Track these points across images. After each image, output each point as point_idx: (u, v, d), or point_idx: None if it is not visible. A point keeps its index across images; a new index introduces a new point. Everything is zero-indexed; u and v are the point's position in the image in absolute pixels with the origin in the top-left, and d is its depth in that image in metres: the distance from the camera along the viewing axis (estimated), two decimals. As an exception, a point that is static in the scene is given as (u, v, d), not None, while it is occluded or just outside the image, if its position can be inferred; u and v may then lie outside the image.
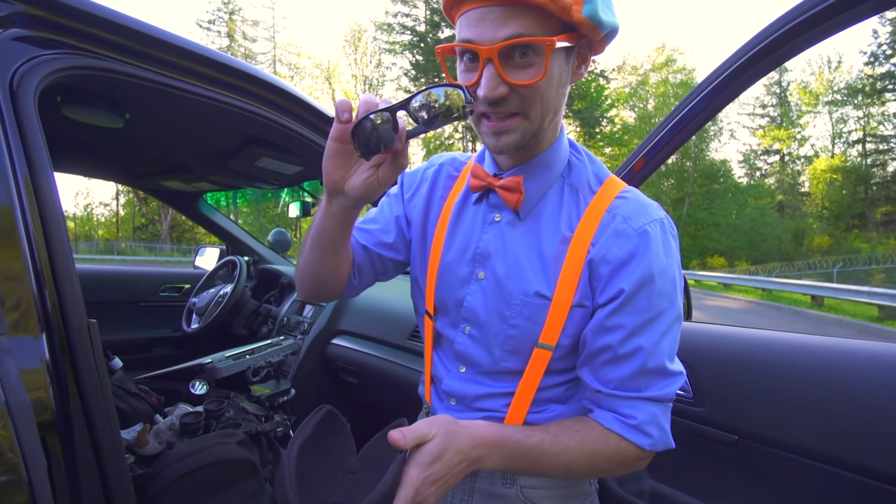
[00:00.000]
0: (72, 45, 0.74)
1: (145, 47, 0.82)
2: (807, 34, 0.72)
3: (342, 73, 39.94)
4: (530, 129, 0.56)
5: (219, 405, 1.04)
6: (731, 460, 0.82)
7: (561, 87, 0.56)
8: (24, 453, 0.50)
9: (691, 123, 0.90)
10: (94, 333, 0.65)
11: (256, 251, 2.50)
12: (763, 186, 35.75)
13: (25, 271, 0.58)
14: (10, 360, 0.53)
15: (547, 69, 0.51)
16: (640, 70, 36.11)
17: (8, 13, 0.68)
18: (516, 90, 0.53)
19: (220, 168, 1.64)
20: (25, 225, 0.61)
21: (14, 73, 0.67)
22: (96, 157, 1.65)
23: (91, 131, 1.26)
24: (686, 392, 0.88)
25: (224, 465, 0.87)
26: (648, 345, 0.56)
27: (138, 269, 2.49)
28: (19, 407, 0.51)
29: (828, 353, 0.73)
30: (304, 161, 1.47)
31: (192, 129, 1.31)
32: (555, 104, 0.57)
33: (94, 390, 0.64)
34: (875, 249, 22.90)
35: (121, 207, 35.64)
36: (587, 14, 0.51)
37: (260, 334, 2.06)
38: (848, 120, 34.37)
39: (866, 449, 0.66)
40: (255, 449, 0.98)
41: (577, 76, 0.59)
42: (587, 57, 0.59)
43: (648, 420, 0.56)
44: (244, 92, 0.97)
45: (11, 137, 0.63)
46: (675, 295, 0.57)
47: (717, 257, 28.62)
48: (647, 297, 0.56)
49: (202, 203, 2.37)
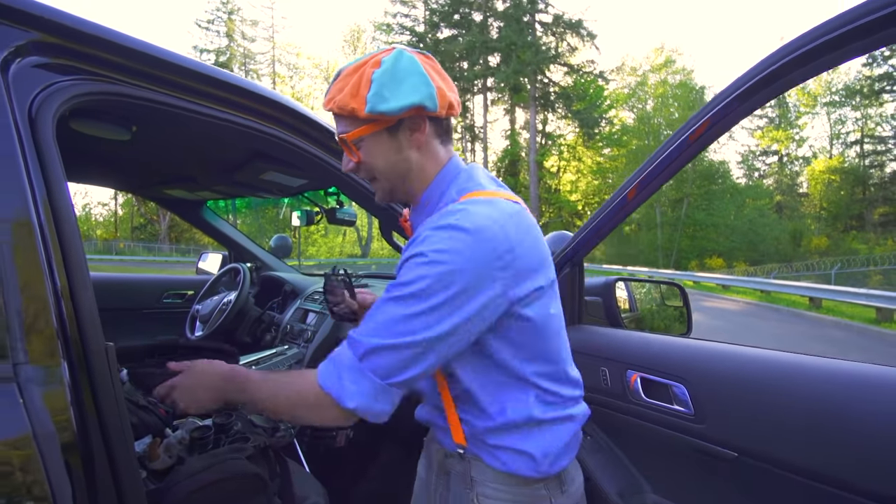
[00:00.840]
0: (88, 71, 0.76)
1: (158, 71, 0.84)
2: (791, 74, 0.74)
3: (341, 73, 39.85)
4: (387, 187, 0.76)
5: (227, 419, 1.06)
6: (730, 476, 0.84)
7: (395, 155, 0.72)
8: (50, 481, 0.52)
9: (679, 159, 0.92)
10: (112, 356, 0.67)
11: (259, 257, 2.52)
12: (761, 187, 35.78)
13: (46, 297, 0.60)
14: (35, 388, 0.54)
15: (363, 151, 0.72)
16: (638, 71, 36.13)
17: (26, 41, 0.70)
18: (360, 166, 0.74)
19: (226, 179, 1.66)
20: (46, 251, 0.62)
21: (33, 100, 0.69)
22: (102, 167, 1.66)
23: (97, 143, 1.27)
24: (687, 409, 0.90)
25: (235, 480, 0.88)
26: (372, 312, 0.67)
27: (141, 276, 2.51)
28: (45, 434, 0.53)
29: (827, 375, 0.75)
30: (308, 175, 1.49)
31: (198, 144, 1.32)
32: (398, 168, 0.73)
33: (112, 410, 0.66)
34: (873, 250, 22.97)
35: (119, 207, 35.60)
36: (369, 111, 0.66)
37: (263, 342, 2.08)
38: (846, 121, 34.44)
39: (866, 470, 0.67)
40: (263, 463, 1.00)
41: (417, 140, 0.73)
42: (419, 125, 0.71)
43: (326, 361, 0.69)
44: (253, 111, 0.99)
45: (31, 165, 0.64)
46: (408, 285, 0.63)
47: (715, 258, 28.64)
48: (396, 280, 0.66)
49: (205, 210, 2.38)
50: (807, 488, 0.73)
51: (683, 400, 0.91)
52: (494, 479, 0.74)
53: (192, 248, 31.10)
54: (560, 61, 32.49)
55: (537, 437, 0.72)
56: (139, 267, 18.64)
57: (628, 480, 1.02)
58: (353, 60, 0.70)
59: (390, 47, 0.71)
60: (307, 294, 2.10)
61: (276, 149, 1.09)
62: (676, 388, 0.93)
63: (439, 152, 0.76)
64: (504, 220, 0.65)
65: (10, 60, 0.67)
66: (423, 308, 0.61)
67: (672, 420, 0.93)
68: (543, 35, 32.56)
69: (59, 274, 0.63)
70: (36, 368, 0.56)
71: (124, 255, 26.76)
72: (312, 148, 1.12)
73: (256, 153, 1.32)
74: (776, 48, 0.76)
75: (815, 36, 0.69)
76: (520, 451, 0.72)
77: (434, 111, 0.69)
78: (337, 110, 0.69)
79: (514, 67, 30.59)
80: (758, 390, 0.81)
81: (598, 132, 33.41)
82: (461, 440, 0.75)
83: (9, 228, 0.59)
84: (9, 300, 0.55)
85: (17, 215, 0.60)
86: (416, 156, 0.73)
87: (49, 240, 0.63)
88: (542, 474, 0.72)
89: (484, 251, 0.62)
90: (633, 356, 1.05)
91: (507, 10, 31.87)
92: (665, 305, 1.57)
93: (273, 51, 38.56)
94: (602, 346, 1.12)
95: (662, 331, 1.56)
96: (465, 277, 0.61)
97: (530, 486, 0.73)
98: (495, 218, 0.65)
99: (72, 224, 0.67)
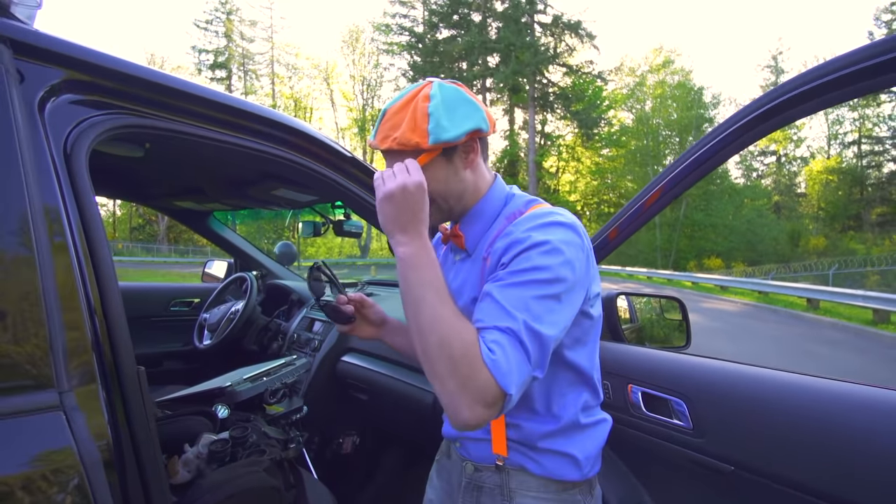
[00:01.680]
0: (118, 106, 0.79)
1: (182, 102, 0.88)
2: (785, 113, 0.78)
3: (340, 73, 39.99)
4: (446, 208, 0.79)
5: (243, 432, 1.10)
6: (727, 489, 0.88)
7: (453, 177, 0.76)
8: (95, 499, 0.56)
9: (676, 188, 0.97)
10: (143, 379, 0.71)
11: (265, 265, 2.56)
12: (760, 187, 35.92)
13: (84, 327, 0.64)
14: (79, 414, 0.58)
15: (427, 177, 0.71)
16: (637, 72, 36.24)
17: (61, 80, 0.73)
18: None
19: (237, 194, 1.70)
20: (83, 280, 0.66)
21: (68, 136, 0.73)
22: (114, 181, 1.70)
23: (110, 158, 1.31)
24: (686, 423, 0.94)
25: (253, 492, 0.92)
26: (498, 294, 0.64)
27: (149, 285, 2.55)
28: (90, 457, 0.57)
29: (823, 395, 0.79)
30: (319, 192, 1.53)
31: (212, 165, 1.36)
32: (455, 189, 0.77)
33: (143, 429, 0.70)
34: (870, 251, 23.08)
35: (117, 208, 35.54)
36: (432, 142, 0.70)
37: (270, 350, 2.12)
38: (844, 121, 34.61)
39: (858, 487, 0.71)
40: (279, 474, 1.04)
41: (471, 161, 0.78)
42: (472, 146, 0.76)
43: (494, 339, 0.61)
44: (269, 137, 1.03)
45: (69, 201, 0.68)
46: (539, 271, 0.63)
47: (714, 258, 28.73)
48: (512, 266, 0.65)
49: (212, 220, 2.42)
50: (801, 502, 0.77)
51: (683, 414, 0.95)
52: (536, 488, 0.76)
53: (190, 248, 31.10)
54: (559, 62, 32.55)
55: (580, 440, 0.76)
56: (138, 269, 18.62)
57: (629, 490, 1.06)
58: (394, 100, 0.75)
59: (426, 82, 0.75)
60: (313, 303, 2.14)
61: (288, 170, 1.13)
62: (676, 403, 0.97)
63: (485, 169, 0.83)
64: (579, 222, 0.74)
65: (46, 99, 0.71)
66: (559, 291, 0.63)
67: (672, 434, 0.97)
68: (542, 36, 32.62)
69: (95, 300, 0.67)
70: (78, 395, 0.59)
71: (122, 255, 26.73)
72: (323, 168, 1.15)
73: (268, 174, 1.36)
74: (781, 84, 0.80)
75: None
76: (566, 454, 0.75)
77: (487, 132, 0.76)
78: (398, 147, 0.71)
79: (512, 68, 30.64)
80: (754, 407, 0.85)
81: (597, 133, 33.48)
82: (502, 450, 0.77)
83: (50, 260, 0.62)
84: (53, 330, 0.59)
85: (56, 246, 0.64)
86: (470, 175, 0.79)
87: (85, 269, 0.67)
88: (584, 477, 0.76)
89: (584, 247, 0.69)
90: (634, 371, 1.09)
91: (506, 11, 31.92)
92: (665, 318, 1.61)
93: (272, 51, 38.59)
94: (605, 360, 1.16)
95: (662, 341, 1.60)
96: (580, 267, 0.67)
97: (568, 491, 0.77)
98: (577, 220, 0.73)
99: (105, 251, 0.71)
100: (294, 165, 1.09)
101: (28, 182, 0.62)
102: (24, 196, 0.61)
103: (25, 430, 0.55)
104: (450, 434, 0.87)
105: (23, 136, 0.64)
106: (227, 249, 2.54)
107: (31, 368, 0.57)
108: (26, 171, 0.62)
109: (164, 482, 0.73)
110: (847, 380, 0.80)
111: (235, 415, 1.27)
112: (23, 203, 0.61)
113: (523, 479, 0.77)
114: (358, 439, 1.96)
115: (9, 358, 0.56)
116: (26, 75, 0.68)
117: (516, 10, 31.40)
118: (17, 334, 0.56)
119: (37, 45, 0.70)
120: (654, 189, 1.08)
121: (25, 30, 0.69)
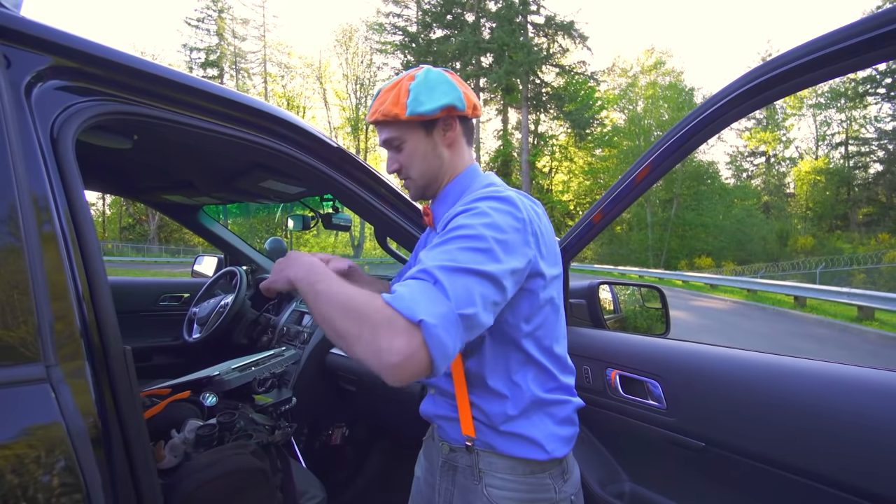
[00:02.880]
0: (104, 93, 0.81)
1: (168, 90, 0.89)
2: (770, 92, 0.81)
3: (333, 72, 39.80)
4: (422, 184, 0.86)
5: (230, 417, 1.11)
6: (699, 465, 0.92)
7: (431, 152, 0.84)
8: (83, 472, 0.57)
9: (663, 165, 1.00)
10: (129, 359, 0.73)
11: (254, 260, 2.56)
12: (749, 188, 36.34)
13: (71, 303, 0.65)
14: (65, 387, 0.60)
15: (404, 153, 0.84)
16: (629, 73, 36.50)
17: (47, 66, 0.75)
18: (402, 166, 0.86)
19: (225, 187, 1.70)
20: (70, 260, 0.68)
21: (55, 121, 0.74)
22: (103, 174, 1.70)
23: (98, 150, 1.31)
24: (660, 403, 0.98)
25: (240, 473, 0.94)
26: (423, 255, 0.67)
27: (137, 280, 2.54)
28: (76, 429, 0.58)
29: (786, 372, 0.82)
30: (307, 184, 1.54)
31: (199, 155, 1.37)
32: (433, 165, 0.85)
33: (130, 409, 0.71)
34: (857, 250, 23.44)
35: (107, 207, 35.13)
36: (409, 113, 0.79)
37: (260, 343, 2.13)
38: (831, 123, 35.11)
39: (820, 458, 0.75)
40: (265, 458, 1.06)
41: (449, 138, 0.85)
42: (451, 124, 0.84)
43: (401, 284, 0.62)
44: (255, 126, 1.04)
45: (55, 183, 0.70)
46: (461, 229, 0.66)
47: (704, 258, 29.02)
48: (442, 233, 0.69)
49: (202, 215, 2.42)
50: (766, 474, 0.80)
51: (658, 395, 0.99)
52: (504, 469, 0.78)
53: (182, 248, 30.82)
54: (552, 62, 32.71)
55: (540, 421, 0.78)
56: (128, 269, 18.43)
57: (607, 470, 1.09)
58: (390, 81, 0.84)
59: (418, 67, 0.84)
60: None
61: (276, 160, 1.15)
62: (652, 384, 1.01)
63: (465, 152, 0.88)
64: (530, 204, 0.77)
65: (33, 84, 0.72)
66: (483, 246, 0.64)
67: (647, 414, 1.00)
68: (535, 36, 32.75)
69: (82, 282, 0.68)
70: (65, 370, 0.61)
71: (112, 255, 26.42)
72: (310, 158, 1.17)
73: (256, 164, 1.37)
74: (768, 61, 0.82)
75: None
76: (527, 437, 0.77)
77: (462, 111, 0.82)
78: (381, 118, 0.81)
79: (506, 68, 30.72)
80: (722, 385, 0.88)
81: (590, 133, 33.67)
82: (470, 431, 0.79)
83: (37, 240, 0.64)
84: (40, 306, 0.61)
85: (43, 227, 0.66)
86: (448, 153, 0.85)
87: (72, 249, 0.68)
88: (549, 456, 0.77)
89: (520, 217, 0.71)
90: (613, 355, 1.12)
91: (500, 11, 32.00)
92: (646, 307, 1.65)
93: (264, 50, 38.34)
94: (585, 345, 1.20)
95: (644, 331, 1.64)
96: (510, 233, 0.68)
97: (536, 475, 0.78)
98: (524, 199, 0.76)
99: (91, 234, 0.73)
100: (280, 155, 1.11)
101: (15, 164, 0.64)
102: (12, 179, 0.63)
103: (12, 401, 0.56)
104: (426, 412, 0.89)
105: (10, 120, 0.65)
106: (216, 244, 2.54)
107: (17, 342, 0.58)
108: (14, 154, 0.64)
109: (151, 461, 0.75)
110: (809, 357, 0.84)
111: (223, 403, 1.28)
112: (11, 186, 0.62)
113: (491, 461, 0.79)
114: (347, 431, 1.97)
115: (-4, 332, 0.57)
116: (13, 61, 0.70)
117: (510, 11, 31.50)
118: (3, 309, 0.58)
119: (23, 32, 0.72)
120: (641, 166, 1.05)
121: (12, 16, 0.70)
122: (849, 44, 0.72)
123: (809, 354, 4.84)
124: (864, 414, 0.71)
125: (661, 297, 1.41)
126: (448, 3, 32.94)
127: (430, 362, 0.56)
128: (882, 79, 29.77)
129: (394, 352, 0.54)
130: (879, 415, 0.69)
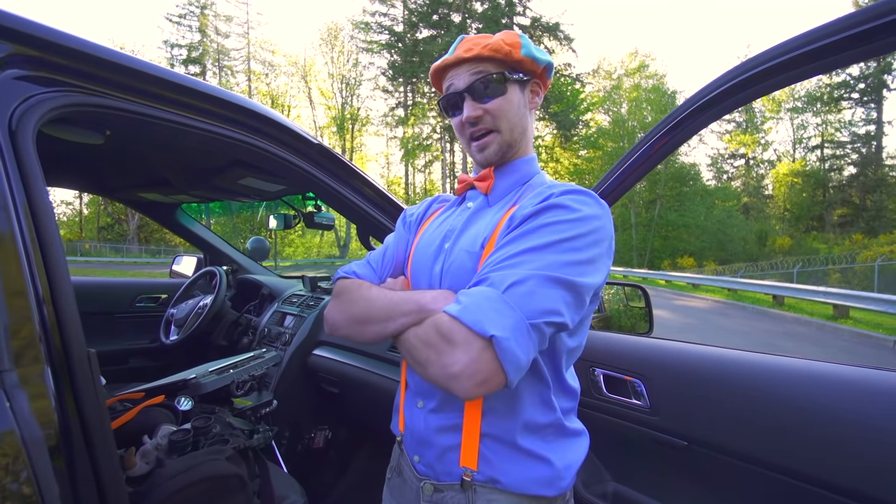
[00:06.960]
0: (67, 83, 0.77)
1: (135, 81, 0.86)
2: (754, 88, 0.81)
3: (318, 71, 39.46)
4: (507, 139, 0.74)
5: (206, 422, 1.08)
6: (681, 464, 0.92)
7: (522, 109, 0.75)
8: (38, 482, 0.54)
9: (652, 158, 1.00)
10: (94, 362, 0.69)
11: (235, 260, 2.51)
12: (730, 189, 37.16)
13: (30, 305, 0.62)
14: (21, 393, 0.56)
15: (495, 102, 0.72)
16: (613, 75, 36.98)
17: (6, 54, 0.71)
18: (486, 114, 0.73)
19: (203, 184, 1.66)
20: (28, 260, 0.64)
21: (13, 112, 0.70)
22: (74, 171, 1.64)
23: (70, 146, 1.26)
24: (643, 403, 0.98)
25: (215, 480, 0.90)
26: (497, 256, 0.61)
27: (114, 280, 2.46)
28: (32, 437, 0.55)
29: (766, 370, 0.83)
30: (287, 181, 1.51)
31: (174, 151, 1.33)
32: (521, 124, 0.75)
33: (94, 414, 0.68)
34: (832, 250, 24.13)
35: (84, 207, 34.19)
36: (525, 54, 0.72)
37: (240, 345, 2.08)
38: (808, 126, 36.11)
39: (796, 455, 0.75)
40: (242, 464, 1.02)
41: (534, 103, 0.78)
42: (538, 90, 0.78)
43: (466, 293, 0.59)
44: (230, 121, 1.01)
45: (12, 176, 0.66)
46: (544, 235, 0.60)
47: (686, 258, 29.57)
48: (542, 228, 0.62)
49: (180, 213, 2.36)
50: (747, 472, 0.80)
51: (641, 394, 0.98)
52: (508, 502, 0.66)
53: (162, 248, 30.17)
54: (538, 64, 32.88)
55: (561, 446, 0.69)
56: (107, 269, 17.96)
57: (591, 470, 1.08)
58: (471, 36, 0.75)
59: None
60: (285, 297, 2.11)
61: (256, 157, 1.11)
62: (636, 384, 1.00)
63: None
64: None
65: None
66: (577, 258, 0.59)
67: (631, 413, 1.00)
68: (521, 37, 32.89)
69: (42, 282, 0.64)
70: (21, 375, 0.57)
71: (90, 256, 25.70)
72: (289, 155, 1.14)
73: (236, 160, 1.33)
74: (745, 60, 0.83)
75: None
76: (543, 458, 0.67)
77: (549, 79, 0.78)
78: (489, 53, 0.70)
79: (492, 69, 30.76)
80: (704, 384, 0.88)
81: (575, 134, 34.00)
82: (471, 461, 0.66)
83: None
84: (-7, 309, 0.57)
85: (1, 225, 0.62)
86: (530, 119, 0.78)
87: (31, 249, 0.65)
88: (558, 491, 0.67)
89: (611, 229, 0.66)
90: (598, 354, 1.12)
91: (486, 12, 32.09)
92: (630, 306, 1.65)
93: (248, 48, 37.78)
94: None
95: (628, 330, 1.64)
96: (604, 244, 0.63)
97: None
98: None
99: (53, 233, 0.69)
100: (257, 151, 1.08)
101: None
102: None
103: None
104: (412, 436, 0.75)
105: None
106: (196, 244, 2.48)
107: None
108: None
109: (118, 469, 0.71)
110: (788, 355, 0.84)
111: (199, 407, 1.24)
112: None
113: (492, 498, 0.66)
114: (330, 433, 1.94)
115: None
116: None
117: (496, 12, 31.62)
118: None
119: (-21, 18, 0.68)
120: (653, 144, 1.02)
121: None
122: (822, 44, 0.73)
123: (787, 352, 4.92)
124: (842, 410, 0.71)
125: (645, 296, 1.42)
126: (434, 3, 32.89)
127: (504, 377, 0.55)
128: (856, 84, 30.75)
129: (464, 369, 0.54)
130: (857, 411, 0.70)
